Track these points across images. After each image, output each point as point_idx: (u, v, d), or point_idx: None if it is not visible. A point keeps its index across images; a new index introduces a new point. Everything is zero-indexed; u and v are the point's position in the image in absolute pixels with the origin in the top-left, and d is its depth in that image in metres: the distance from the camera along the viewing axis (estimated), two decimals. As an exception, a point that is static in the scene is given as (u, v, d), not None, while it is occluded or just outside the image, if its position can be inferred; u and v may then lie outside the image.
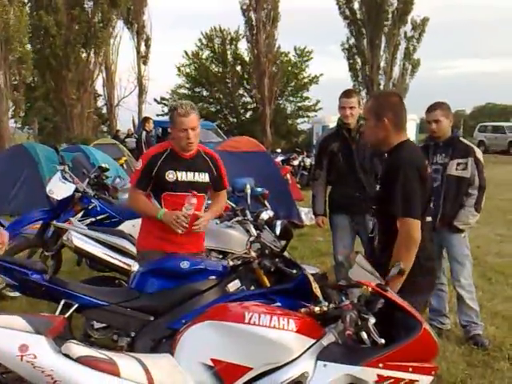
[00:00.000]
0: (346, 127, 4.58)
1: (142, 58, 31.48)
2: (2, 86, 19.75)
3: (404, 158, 2.76)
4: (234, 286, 3.10)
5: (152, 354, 2.39)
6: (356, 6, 31.71)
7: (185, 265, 3.06)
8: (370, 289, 2.23)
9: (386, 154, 2.97)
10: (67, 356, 2.03)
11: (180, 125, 3.44)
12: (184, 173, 3.53)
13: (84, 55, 25.80)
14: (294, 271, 3.09)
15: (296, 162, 16.42)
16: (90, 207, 5.32)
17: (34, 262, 3.23)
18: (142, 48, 31.41)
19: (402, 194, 2.66)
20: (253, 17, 29.80)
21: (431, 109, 4.22)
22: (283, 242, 3.62)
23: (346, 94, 4.59)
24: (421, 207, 2.70)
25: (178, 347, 2.22)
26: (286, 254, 3.46)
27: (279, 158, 15.90)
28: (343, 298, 2.28)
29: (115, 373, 2.04)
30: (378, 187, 2.91)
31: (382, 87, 32.29)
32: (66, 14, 24.30)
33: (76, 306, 2.96)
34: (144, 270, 3.13)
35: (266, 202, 6.35)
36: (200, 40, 36.33)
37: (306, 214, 9.23)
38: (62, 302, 2.97)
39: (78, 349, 2.06)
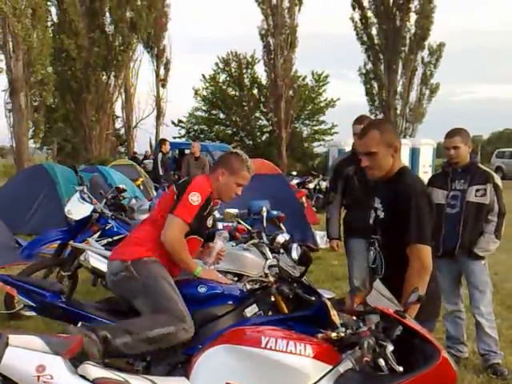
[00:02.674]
0: (362, 152, 4.58)
1: (161, 81, 31.92)
2: (23, 106, 20.08)
3: (415, 185, 2.75)
4: (251, 310, 3.06)
5: (168, 377, 2.38)
6: (374, 31, 31.93)
7: (202, 289, 3.03)
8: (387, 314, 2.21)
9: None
10: (83, 377, 2.03)
11: (242, 179, 3.27)
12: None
13: (104, 78, 26.23)
14: (313, 298, 3.04)
15: (312, 185, 16.39)
16: (106, 228, 5.37)
17: (51, 283, 3.24)
18: (161, 71, 31.90)
19: (416, 220, 2.63)
20: (271, 41, 30.15)
21: (450, 135, 4.20)
22: (301, 267, 3.59)
23: (358, 120, 4.63)
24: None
25: (193, 371, 2.21)
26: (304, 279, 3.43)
27: (295, 181, 15.89)
28: (361, 324, 2.25)
29: (130, 395, 2.04)
30: (380, 215, 2.81)
31: (398, 112, 32.33)
32: (87, 37, 24.82)
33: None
34: None
35: (281, 225, 6.33)
36: (216, 64, 36.83)
37: (321, 237, 9.19)
38: (80, 325, 2.94)
39: (94, 370, 2.06)
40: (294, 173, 19.80)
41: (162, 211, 3.14)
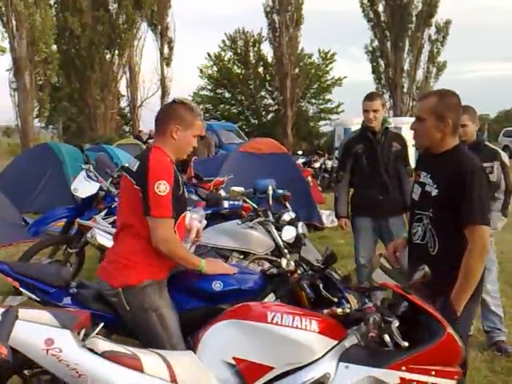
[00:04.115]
0: (371, 130, 4.56)
1: (165, 60, 31.72)
2: (27, 86, 20.07)
3: (474, 163, 2.66)
4: (268, 300, 2.91)
5: (175, 351, 2.41)
6: (380, 8, 31.57)
7: (217, 286, 2.85)
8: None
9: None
10: (92, 350, 2.06)
11: (197, 129, 2.93)
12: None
13: (108, 56, 26.13)
14: (335, 299, 2.80)
15: (317, 165, 16.36)
16: (113, 206, 5.37)
17: (56, 274, 2.94)
18: (165, 50, 31.68)
19: (478, 201, 2.56)
20: (276, 19, 29.89)
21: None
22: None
23: (370, 97, 4.57)
24: None
25: (200, 345, 2.24)
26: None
27: (300, 161, 15.84)
28: (366, 301, 2.27)
29: (139, 368, 2.07)
30: (432, 191, 2.72)
31: (405, 90, 32.09)
32: (91, 15, 24.65)
33: (102, 324, 2.67)
34: (173, 288, 2.87)
35: (287, 204, 6.33)
36: (223, 41, 36.55)
37: (327, 216, 9.21)
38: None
39: (102, 344, 2.09)
40: (300, 152, 19.77)
41: (133, 214, 2.73)
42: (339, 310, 2.24)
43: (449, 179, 2.65)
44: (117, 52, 26.28)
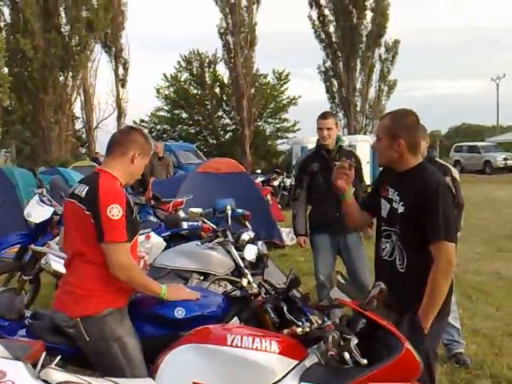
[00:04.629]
0: (325, 148, 4.64)
1: (120, 81, 31.51)
2: (-22, 109, 19.54)
3: (439, 181, 2.71)
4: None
5: (133, 379, 2.35)
6: (331, 29, 32.31)
7: (180, 313, 2.78)
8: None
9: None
10: (46, 382, 1.99)
11: (149, 157, 2.92)
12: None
13: (62, 78, 25.74)
14: (299, 322, 2.71)
15: (276, 183, 16.46)
16: (68, 231, 5.25)
17: (10, 306, 2.78)
18: (120, 71, 31.51)
19: (444, 218, 2.60)
20: (230, 40, 30.14)
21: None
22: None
23: (323, 115, 4.68)
24: None
25: (159, 371, 2.20)
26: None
27: (259, 179, 15.91)
28: (325, 319, 2.27)
29: (95, 399, 2.01)
30: (399, 208, 2.74)
31: (358, 108, 32.78)
32: (43, 37, 24.29)
33: (59, 357, 2.55)
34: (134, 315, 2.78)
35: (247, 223, 6.35)
36: (179, 63, 36.63)
37: (287, 234, 9.25)
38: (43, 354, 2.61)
39: (57, 374, 2.02)
40: (259, 171, 19.86)
41: (83, 241, 2.64)
42: (299, 330, 2.24)
43: (414, 197, 2.67)
44: (70, 74, 25.92)
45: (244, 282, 3.22)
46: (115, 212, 2.55)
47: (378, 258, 2.91)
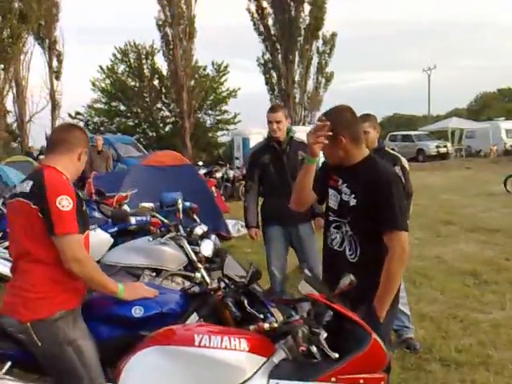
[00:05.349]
0: (276, 140, 4.62)
1: (55, 73, 30.46)
2: None
3: (390, 171, 2.74)
4: (190, 321, 2.77)
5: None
6: (270, 22, 32.44)
7: (138, 312, 2.66)
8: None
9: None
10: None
11: (87, 146, 2.84)
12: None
13: (-7, 71, 24.58)
14: (261, 315, 2.71)
15: (219, 175, 16.39)
16: (8, 229, 4.98)
17: None
18: (54, 63, 30.45)
19: (398, 208, 2.62)
20: (169, 32, 29.66)
21: (361, 120, 4.29)
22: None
23: (272, 109, 4.68)
24: None
25: (122, 376, 2.09)
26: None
27: (202, 171, 15.78)
28: (292, 313, 2.24)
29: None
30: (350, 201, 2.73)
31: (297, 100, 33.12)
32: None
33: (9, 363, 2.48)
34: (88, 316, 2.67)
35: (195, 216, 6.23)
36: (114, 55, 35.70)
37: (233, 225, 9.22)
38: None
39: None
40: (201, 163, 19.68)
41: (30, 239, 2.51)
42: (266, 326, 2.19)
43: (366, 188, 2.68)
44: (1, 66, 24.72)
45: (198, 277, 3.16)
46: (65, 203, 2.45)
47: (326, 248, 2.91)
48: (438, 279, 6.39)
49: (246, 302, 2.78)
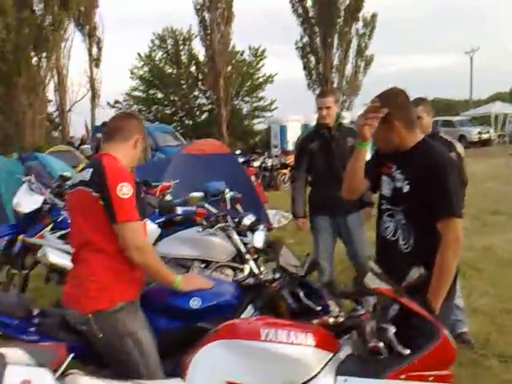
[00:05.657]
0: (325, 126, 4.52)
1: (95, 61, 30.86)
2: None
3: (445, 156, 2.64)
4: (246, 314, 2.75)
5: (163, 381, 2.24)
6: (309, 3, 31.92)
7: (195, 303, 2.66)
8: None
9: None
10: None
11: (143, 133, 2.85)
12: None
13: (35, 60, 24.97)
14: (318, 308, 2.65)
15: (257, 164, 16.31)
16: (59, 219, 5.05)
17: (17, 304, 2.67)
18: (94, 50, 30.81)
19: (454, 194, 2.54)
20: (206, 16, 29.65)
21: (414, 105, 4.17)
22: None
23: (322, 94, 4.56)
24: None
25: (189, 371, 2.07)
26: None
27: (240, 160, 15.73)
28: (358, 307, 2.18)
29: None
30: (404, 188, 2.65)
31: (335, 85, 32.63)
32: (16, 17, 23.46)
33: (72, 355, 2.42)
34: (147, 307, 2.68)
35: (238, 206, 6.19)
36: (152, 41, 35.91)
37: (273, 216, 9.14)
38: (68, 359, 2.55)
39: (82, 380, 1.90)
40: (238, 151, 19.64)
41: (92, 228, 2.53)
42: (331, 320, 2.14)
43: (420, 174, 2.58)
44: (44, 54, 25.14)
45: (246, 269, 3.12)
46: (125, 190, 2.46)
47: (379, 237, 2.83)
48: (488, 271, 6.20)
49: (301, 293, 2.73)
